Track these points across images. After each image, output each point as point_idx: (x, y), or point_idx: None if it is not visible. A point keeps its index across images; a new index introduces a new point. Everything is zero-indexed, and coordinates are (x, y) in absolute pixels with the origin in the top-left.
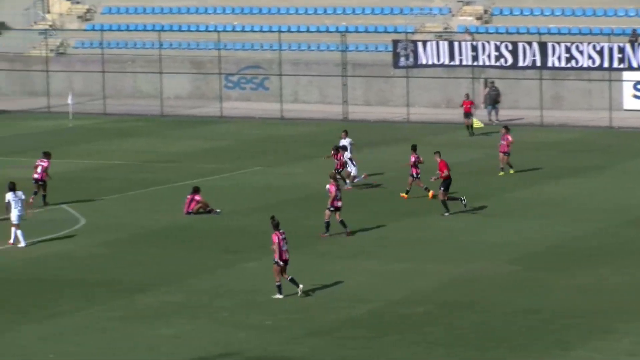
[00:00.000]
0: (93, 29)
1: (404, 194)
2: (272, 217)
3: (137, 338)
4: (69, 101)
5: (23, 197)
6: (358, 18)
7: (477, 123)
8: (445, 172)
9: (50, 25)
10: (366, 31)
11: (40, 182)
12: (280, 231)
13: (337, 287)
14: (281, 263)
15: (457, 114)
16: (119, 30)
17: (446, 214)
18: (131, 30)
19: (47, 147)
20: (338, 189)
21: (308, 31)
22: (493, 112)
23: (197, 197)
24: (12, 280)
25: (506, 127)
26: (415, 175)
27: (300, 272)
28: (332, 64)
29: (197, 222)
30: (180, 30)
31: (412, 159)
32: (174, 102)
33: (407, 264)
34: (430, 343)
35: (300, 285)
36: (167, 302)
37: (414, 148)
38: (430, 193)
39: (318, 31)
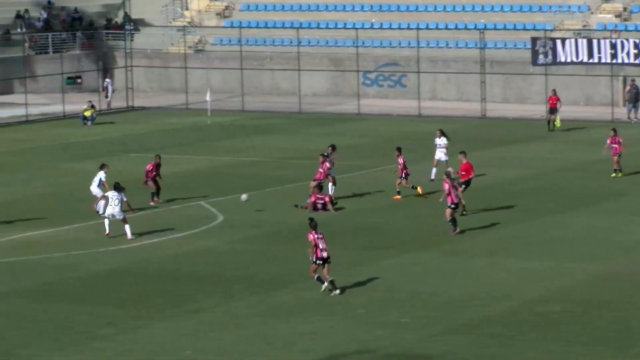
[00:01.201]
0: (231, 26)
1: (398, 196)
2: (311, 219)
3: (273, 334)
4: (207, 98)
5: (124, 198)
6: (497, 15)
7: (558, 122)
8: (472, 175)
9: (189, 23)
10: (505, 28)
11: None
12: (318, 232)
13: (474, 285)
14: (319, 262)
15: (595, 112)
16: (257, 27)
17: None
18: (269, 28)
19: (186, 143)
20: (453, 186)
21: (446, 28)
22: (633, 111)
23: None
24: (151, 276)
25: (614, 130)
26: (404, 176)
27: (436, 271)
28: (470, 61)
29: (334, 219)
30: (318, 27)
31: (400, 161)
32: (312, 99)
33: (545, 262)
34: (568, 341)
35: (325, 284)
36: (304, 298)
37: (399, 150)
38: (419, 189)
39: (456, 28)
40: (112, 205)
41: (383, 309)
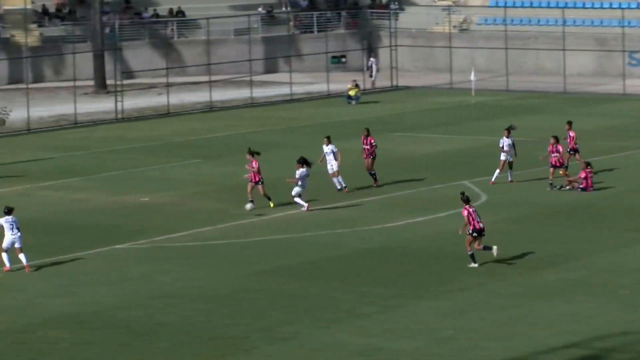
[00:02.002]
0: (496, 6)
1: None
2: (462, 193)
3: (536, 315)
4: (472, 78)
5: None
6: None
7: None
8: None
9: (454, 2)
10: None
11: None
12: (471, 206)
13: None
14: (475, 234)
15: None
16: (522, 7)
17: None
18: (534, 7)
19: (449, 122)
20: None
21: None
22: None
23: None
24: (414, 255)
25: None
26: None
27: None
28: None
29: (599, 200)
30: (584, 7)
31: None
32: (577, 80)
33: None
34: None
35: (494, 247)
36: (567, 279)
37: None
38: None
39: None
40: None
41: None
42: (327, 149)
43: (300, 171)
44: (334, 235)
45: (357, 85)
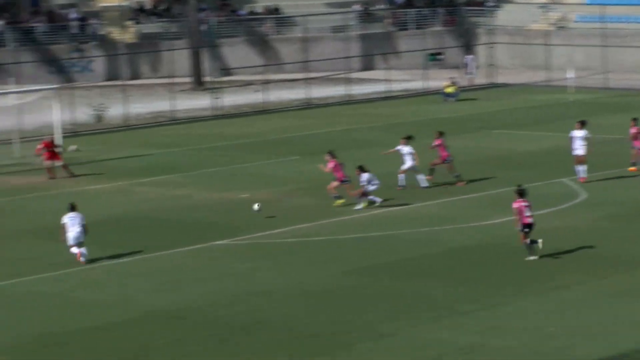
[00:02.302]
0: (593, 3)
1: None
2: (518, 186)
3: (638, 314)
4: (569, 75)
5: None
6: None
7: None
8: None
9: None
10: None
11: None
12: (524, 199)
13: None
14: (526, 229)
15: None
16: (619, 4)
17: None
18: (632, 5)
19: (546, 120)
20: None
21: None
22: None
23: None
24: (513, 253)
25: None
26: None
27: None
28: None
29: None
30: None
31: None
32: None
33: None
34: None
35: (539, 240)
36: None
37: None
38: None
39: None
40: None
41: None
42: (405, 149)
43: (364, 177)
44: (432, 232)
45: (454, 83)
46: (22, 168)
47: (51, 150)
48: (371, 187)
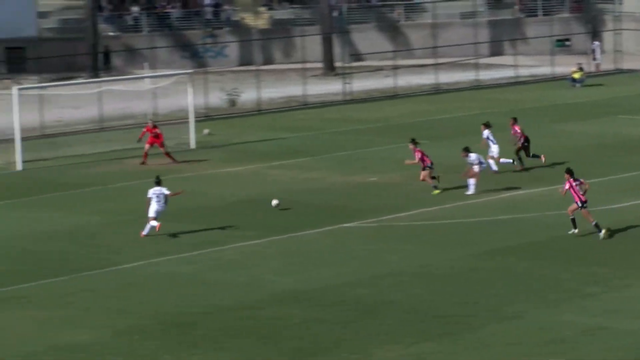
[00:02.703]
0: None
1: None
2: (568, 168)
3: None
4: None
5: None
6: None
7: None
8: None
9: None
10: None
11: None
12: (574, 179)
13: None
14: (580, 204)
15: None
16: None
17: None
18: None
19: None
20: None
21: None
22: None
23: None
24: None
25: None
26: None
27: None
28: None
29: None
30: None
31: (418, 155)
32: None
33: None
34: None
35: (602, 230)
36: None
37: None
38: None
39: None
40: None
41: None
42: (486, 133)
43: (472, 157)
44: (561, 215)
45: (581, 69)
46: (159, 151)
47: (152, 135)
48: (477, 168)
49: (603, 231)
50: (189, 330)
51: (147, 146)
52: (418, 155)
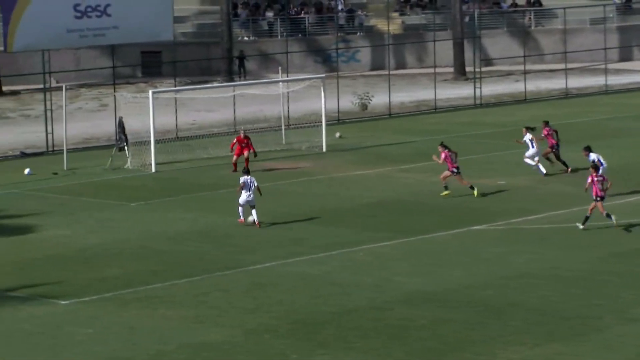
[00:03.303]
0: None
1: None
2: (593, 161)
3: None
4: None
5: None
6: None
7: None
8: None
9: None
10: None
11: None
12: (598, 174)
13: None
14: (597, 198)
15: None
16: None
17: None
18: None
19: None
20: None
21: None
22: None
23: None
24: None
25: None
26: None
27: None
28: None
29: None
30: None
31: (443, 155)
32: None
33: None
34: None
35: (613, 217)
36: None
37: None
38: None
39: None
40: None
41: None
42: (527, 137)
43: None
44: None
45: None
46: (290, 154)
47: (242, 146)
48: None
49: (613, 217)
50: (318, 330)
51: (235, 157)
52: (442, 155)
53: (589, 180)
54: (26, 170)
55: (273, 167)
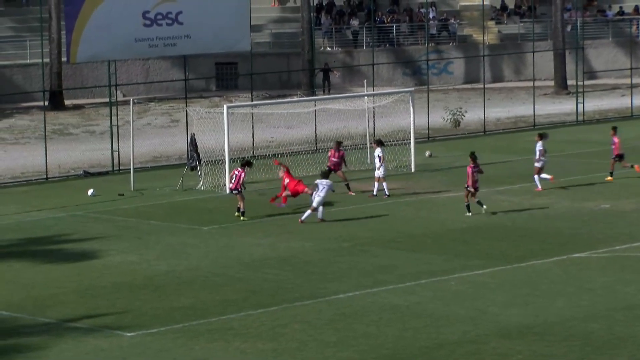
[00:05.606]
0: None
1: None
2: (472, 153)
3: None
4: None
5: None
6: None
7: None
8: None
9: None
10: None
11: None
12: (475, 164)
13: None
14: (471, 189)
15: None
16: None
17: None
18: None
19: None
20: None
21: None
22: None
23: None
24: None
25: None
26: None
27: None
28: None
29: None
30: None
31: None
32: None
33: None
34: None
35: (484, 206)
36: None
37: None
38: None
39: None
40: None
41: None
42: (539, 145)
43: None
44: None
45: None
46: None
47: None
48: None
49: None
50: None
51: (280, 174)
52: (469, 170)
53: (469, 171)
54: (90, 191)
55: (358, 188)
